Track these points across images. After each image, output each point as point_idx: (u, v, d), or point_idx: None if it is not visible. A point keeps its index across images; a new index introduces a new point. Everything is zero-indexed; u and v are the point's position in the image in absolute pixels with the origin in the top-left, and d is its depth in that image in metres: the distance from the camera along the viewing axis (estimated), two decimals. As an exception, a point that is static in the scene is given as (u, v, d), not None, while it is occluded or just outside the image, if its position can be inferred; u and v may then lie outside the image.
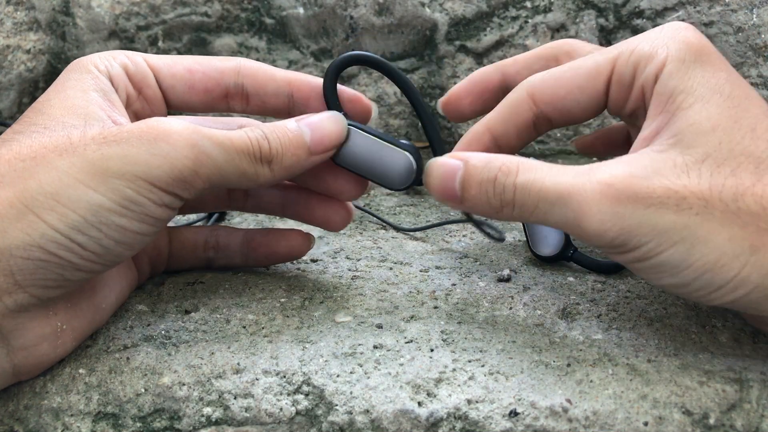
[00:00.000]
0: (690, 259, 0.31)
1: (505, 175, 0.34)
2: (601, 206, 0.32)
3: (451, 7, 0.69)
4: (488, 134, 0.39)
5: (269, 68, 0.40)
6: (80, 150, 0.32)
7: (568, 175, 0.33)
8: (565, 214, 0.33)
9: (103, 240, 0.32)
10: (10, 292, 0.31)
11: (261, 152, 0.35)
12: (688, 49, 0.34)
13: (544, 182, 0.33)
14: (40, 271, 0.32)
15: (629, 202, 0.31)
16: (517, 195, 0.34)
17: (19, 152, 0.33)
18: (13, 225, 0.31)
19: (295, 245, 0.43)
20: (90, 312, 0.36)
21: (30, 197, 0.31)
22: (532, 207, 0.34)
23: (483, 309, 0.40)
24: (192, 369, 0.35)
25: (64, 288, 0.33)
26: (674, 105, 0.33)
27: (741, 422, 0.32)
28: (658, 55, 0.35)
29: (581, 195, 0.32)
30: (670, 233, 0.31)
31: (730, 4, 0.64)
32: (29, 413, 0.34)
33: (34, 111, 0.35)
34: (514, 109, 0.38)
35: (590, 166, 0.33)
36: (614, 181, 0.32)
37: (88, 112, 0.35)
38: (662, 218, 0.31)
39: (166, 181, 0.32)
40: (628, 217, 0.31)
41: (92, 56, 0.38)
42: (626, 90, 0.36)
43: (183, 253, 0.43)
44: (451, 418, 0.33)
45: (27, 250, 0.31)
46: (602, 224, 0.32)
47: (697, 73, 0.34)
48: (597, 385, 0.33)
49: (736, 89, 0.33)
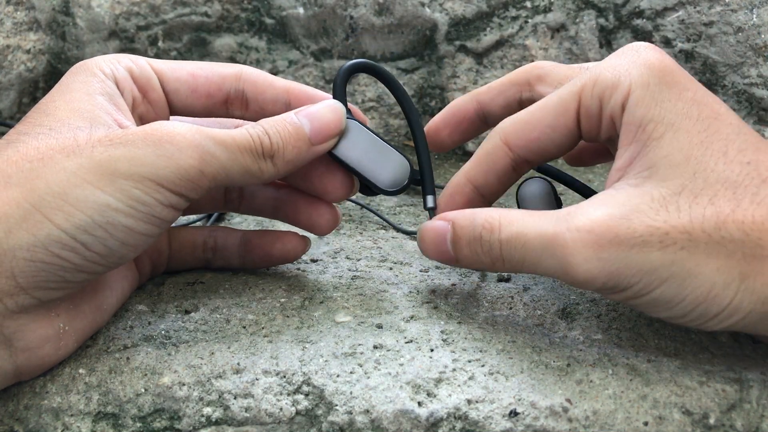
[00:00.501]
0: (682, 294, 0.31)
1: (489, 233, 0.35)
2: (585, 254, 0.32)
3: (451, 7, 0.69)
4: (469, 185, 0.39)
5: (269, 76, 0.41)
6: (87, 151, 0.32)
7: (550, 224, 0.33)
8: (552, 265, 0.33)
9: (108, 240, 0.32)
10: (11, 294, 0.31)
11: (263, 148, 0.36)
12: (651, 73, 0.34)
13: (527, 236, 0.33)
14: (42, 274, 0.32)
15: (612, 246, 0.31)
16: (503, 251, 0.35)
17: (26, 153, 0.33)
18: (18, 225, 0.31)
19: (290, 248, 0.43)
20: (92, 313, 0.36)
21: (37, 197, 0.31)
22: (520, 260, 0.34)
23: (483, 309, 0.40)
24: (192, 369, 0.35)
25: (66, 290, 0.33)
26: (645, 134, 0.33)
27: (741, 422, 0.32)
28: (621, 83, 0.34)
29: (564, 246, 0.32)
30: (659, 271, 0.31)
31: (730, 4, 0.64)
32: (29, 413, 0.34)
33: (38, 112, 0.35)
34: (491, 157, 0.38)
35: (569, 210, 0.33)
36: (594, 226, 0.32)
37: (93, 116, 0.35)
38: (648, 257, 0.31)
39: (172, 181, 0.33)
40: (614, 261, 0.31)
41: (97, 59, 0.38)
42: (596, 121, 0.36)
43: (182, 254, 0.43)
44: (451, 418, 0.33)
45: (31, 251, 0.31)
46: (589, 272, 0.32)
47: (663, 97, 0.33)
48: (597, 385, 0.33)
49: (704, 109, 0.33)
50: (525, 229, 0.34)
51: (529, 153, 0.38)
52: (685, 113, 0.33)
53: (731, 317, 0.31)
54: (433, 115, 0.73)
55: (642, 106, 0.33)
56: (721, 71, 0.65)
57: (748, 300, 0.31)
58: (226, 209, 0.45)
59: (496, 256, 0.35)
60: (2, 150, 0.33)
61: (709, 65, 0.66)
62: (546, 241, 0.33)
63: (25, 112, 0.73)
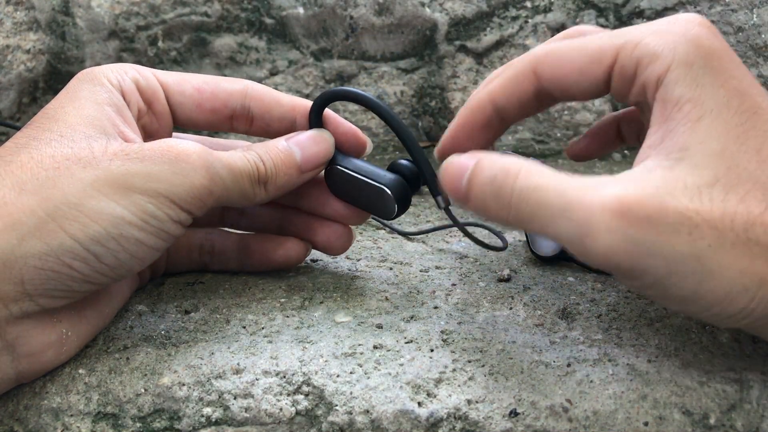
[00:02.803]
0: (700, 292, 0.30)
1: (504, 177, 0.32)
2: (611, 225, 0.29)
3: (451, 7, 0.69)
4: (490, 105, 0.38)
5: (275, 93, 0.41)
6: (104, 164, 0.33)
7: (575, 185, 0.30)
8: (567, 228, 0.30)
9: (119, 253, 0.33)
10: (17, 300, 0.32)
11: (258, 174, 0.37)
12: (698, 52, 0.32)
13: (547, 190, 0.31)
14: (50, 282, 0.32)
15: (642, 224, 0.29)
16: (514, 199, 0.32)
17: (41, 161, 0.33)
18: (32, 233, 0.31)
19: (292, 253, 0.43)
20: (94, 318, 0.36)
21: (52, 206, 0.32)
22: (529, 215, 0.31)
23: (483, 309, 0.40)
24: (192, 369, 0.35)
25: (70, 299, 0.34)
26: (681, 113, 0.32)
27: (741, 422, 0.32)
28: (663, 56, 0.33)
29: (589, 209, 0.29)
30: (682, 264, 0.29)
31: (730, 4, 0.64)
32: (29, 413, 0.34)
33: (46, 117, 0.35)
34: (517, 81, 0.37)
35: (598, 178, 0.31)
36: (627, 198, 0.29)
37: (102, 125, 0.35)
38: (675, 248, 0.29)
39: (184, 198, 0.34)
40: (640, 242, 0.29)
41: (103, 68, 0.38)
42: (628, 83, 0.34)
43: (179, 256, 0.43)
44: (451, 418, 0.33)
45: (42, 260, 0.31)
46: (609, 246, 0.29)
47: (706, 81, 0.32)
48: (597, 385, 0.33)
49: (746, 101, 0.32)
50: (546, 182, 0.31)
51: (554, 88, 0.36)
52: (725, 102, 0.31)
53: (742, 320, 0.31)
54: (433, 115, 0.73)
55: (682, 84, 0.32)
56: (721, 71, 0.65)
57: (764, 306, 0.30)
58: (224, 225, 0.45)
59: (505, 203, 0.32)
60: (15, 154, 0.33)
61: (709, 65, 0.66)
62: (568, 200, 0.30)
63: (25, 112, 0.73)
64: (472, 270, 0.46)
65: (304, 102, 0.41)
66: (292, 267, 0.44)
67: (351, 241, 0.43)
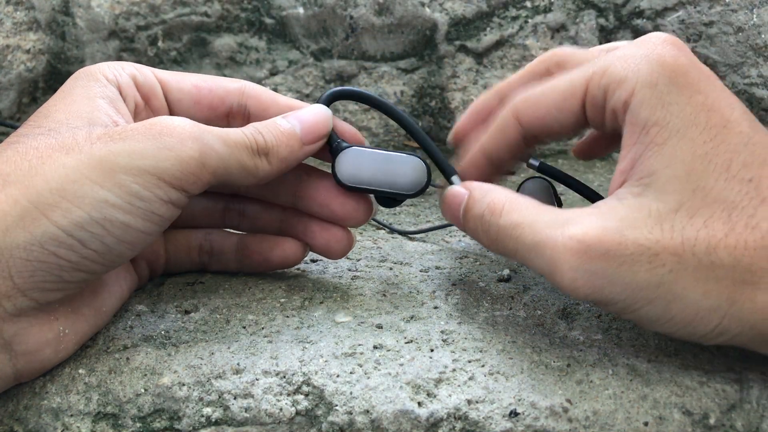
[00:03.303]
0: (668, 314, 0.31)
1: (490, 215, 0.35)
2: (573, 263, 0.31)
3: (451, 7, 0.69)
4: (483, 156, 0.40)
5: (272, 93, 0.41)
6: (87, 148, 0.32)
7: (546, 222, 0.33)
8: (539, 264, 0.33)
9: (105, 238, 0.32)
10: (9, 295, 0.31)
11: (257, 145, 0.36)
12: (662, 71, 0.33)
13: (523, 229, 0.34)
14: (39, 273, 0.31)
15: (600, 259, 0.31)
16: (499, 236, 0.35)
17: (25, 153, 0.33)
18: (16, 224, 0.31)
19: (290, 254, 0.43)
20: (91, 316, 0.36)
21: (35, 194, 0.31)
22: (513, 250, 0.35)
23: (483, 309, 0.40)
24: (192, 369, 0.35)
25: (64, 291, 0.33)
26: (648, 137, 0.33)
27: (741, 422, 0.32)
28: (627, 80, 0.33)
29: (554, 248, 0.32)
30: (645, 291, 0.31)
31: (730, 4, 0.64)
32: (29, 413, 0.34)
33: (38, 115, 0.35)
34: (503, 130, 0.39)
35: (569, 215, 0.33)
36: (586, 237, 0.31)
37: (92, 117, 0.35)
38: (635, 277, 0.31)
39: (173, 174, 0.33)
40: (600, 275, 0.31)
41: (100, 65, 0.38)
42: (600, 112, 0.36)
43: (178, 257, 0.43)
44: (451, 418, 0.33)
45: (27, 250, 0.31)
46: (574, 281, 0.32)
47: (671, 99, 0.32)
48: (597, 385, 0.33)
49: (713, 116, 0.32)
50: (523, 221, 0.34)
51: (536, 130, 0.38)
52: (692, 120, 0.32)
53: (720, 337, 0.32)
54: (433, 115, 0.73)
55: (647, 107, 0.33)
56: (722, 71, 0.65)
57: (735, 324, 0.31)
58: (225, 225, 0.44)
59: (493, 238, 0.36)
60: (1, 151, 0.33)
61: (710, 65, 0.66)
62: (539, 240, 0.33)
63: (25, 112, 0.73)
64: (472, 270, 0.46)
65: (301, 104, 0.41)
66: (290, 267, 0.44)
67: (351, 245, 0.42)
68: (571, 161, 0.70)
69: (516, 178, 0.48)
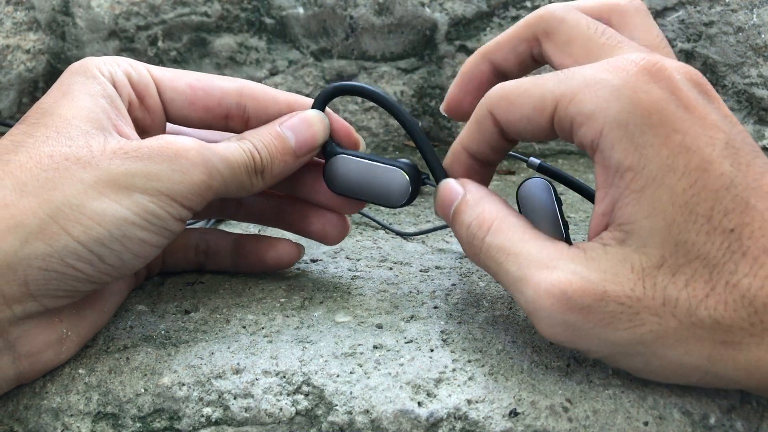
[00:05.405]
0: (648, 368, 0.31)
1: (477, 227, 0.34)
2: (552, 310, 0.31)
3: (451, 7, 0.69)
4: (464, 153, 0.38)
5: (270, 90, 0.41)
6: (104, 164, 0.33)
7: (532, 257, 0.32)
8: (519, 299, 0.32)
9: (123, 253, 0.33)
10: (20, 300, 0.32)
11: (254, 165, 0.37)
12: (633, 111, 0.30)
13: (507, 257, 0.33)
14: (54, 282, 0.32)
15: (581, 313, 0.30)
16: (482, 252, 0.34)
17: (40, 161, 0.33)
18: (35, 235, 0.31)
19: (284, 255, 0.43)
20: (94, 318, 0.37)
21: (54, 208, 0.32)
22: (494, 273, 0.34)
23: (483, 309, 0.40)
24: (192, 369, 0.35)
25: (73, 298, 0.34)
26: (623, 182, 0.30)
27: (741, 423, 0.32)
28: (594, 117, 0.31)
29: (535, 292, 0.31)
30: (624, 347, 0.31)
31: (730, 4, 0.64)
32: (29, 413, 0.34)
33: (41, 111, 0.35)
34: (481, 126, 0.37)
35: (554, 251, 0.32)
36: (569, 289, 0.30)
37: (96, 118, 0.35)
38: (614, 334, 0.30)
39: (185, 195, 0.34)
40: (578, 328, 0.31)
41: (95, 59, 0.38)
42: (568, 136, 0.33)
43: (174, 256, 0.43)
44: (451, 418, 0.33)
45: (46, 261, 0.31)
46: (552, 328, 0.31)
47: (645, 141, 0.30)
48: (597, 385, 0.33)
49: (692, 158, 0.30)
50: (510, 248, 0.33)
51: (512, 131, 0.36)
52: (669, 165, 0.30)
53: (707, 384, 0.32)
54: (433, 115, 0.73)
55: (618, 150, 0.30)
56: (722, 71, 0.65)
57: (717, 380, 0.31)
58: (223, 215, 0.45)
59: (476, 252, 0.35)
60: (12, 153, 0.33)
61: (710, 65, 0.66)
62: (522, 275, 0.32)
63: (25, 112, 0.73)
64: (472, 270, 0.46)
65: (301, 98, 0.41)
66: (285, 268, 0.44)
67: (346, 230, 0.43)
68: (571, 161, 0.70)
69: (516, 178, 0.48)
